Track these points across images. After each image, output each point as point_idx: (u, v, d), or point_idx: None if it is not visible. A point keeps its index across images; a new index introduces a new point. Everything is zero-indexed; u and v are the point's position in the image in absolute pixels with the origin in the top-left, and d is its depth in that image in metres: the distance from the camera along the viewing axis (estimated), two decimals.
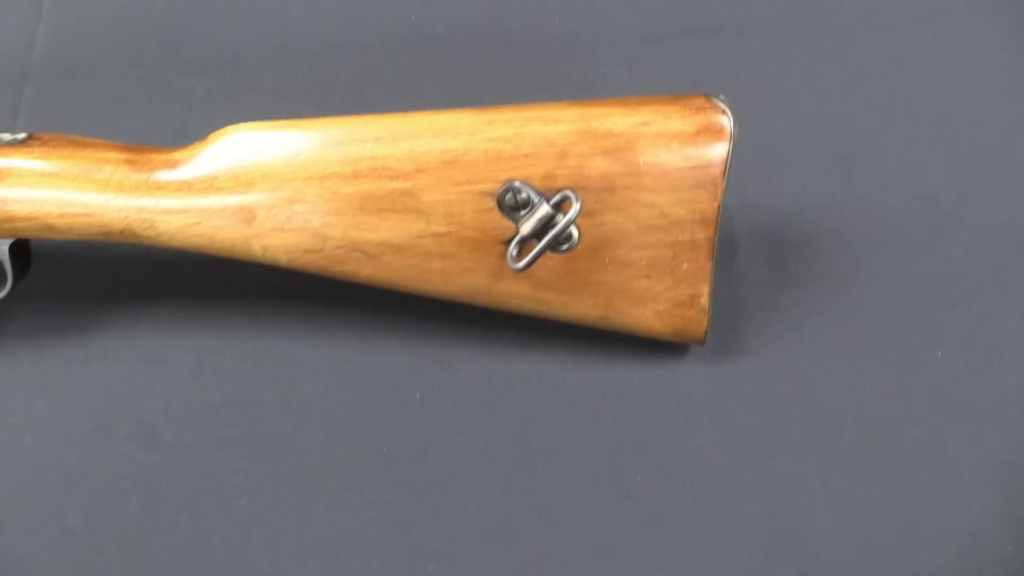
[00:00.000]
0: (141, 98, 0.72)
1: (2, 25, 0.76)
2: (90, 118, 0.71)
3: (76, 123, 0.70)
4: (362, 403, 0.60)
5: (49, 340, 0.64)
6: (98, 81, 0.73)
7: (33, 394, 0.62)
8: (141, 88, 0.72)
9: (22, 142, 0.55)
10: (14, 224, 0.54)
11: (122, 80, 0.73)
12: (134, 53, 0.74)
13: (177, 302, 0.64)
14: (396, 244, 0.54)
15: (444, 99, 0.70)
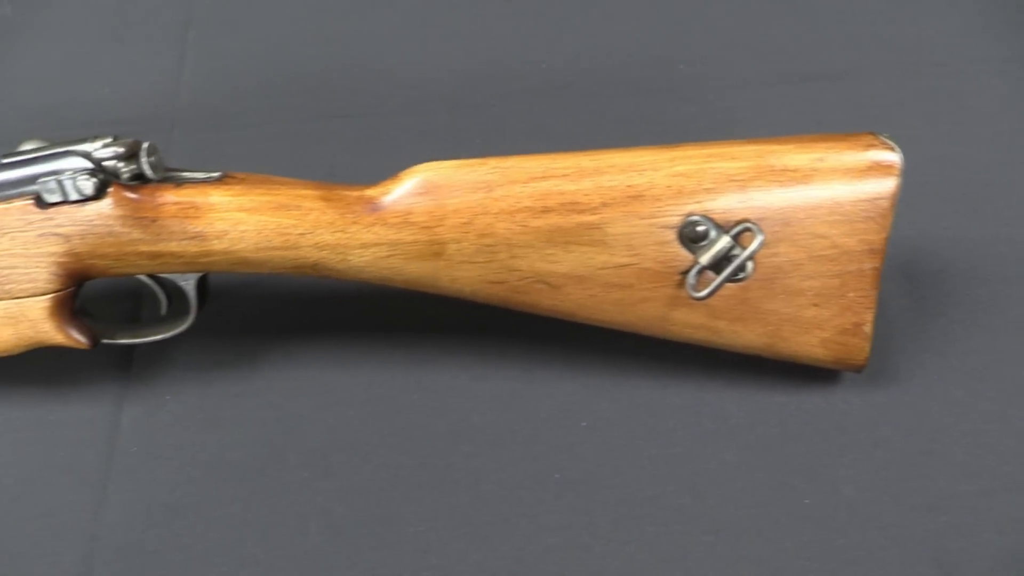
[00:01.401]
0: (286, 143, 0.75)
1: (148, 72, 0.79)
2: (237, 163, 0.73)
3: (225, 168, 0.73)
4: (530, 432, 0.62)
5: (216, 373, 0.65)
6: (243, 126, 0.76)
7: (202, 427, 0.63)
8: (285, 133, 0.75)
9: (219, 180, 0.57)
10: (211, 259, 0.57)
11: (266, 125, 0.76)
12: (276, 100, 0.78)
13: (340, 336, 0.66)
14: (578, 275, 0.57)
15: (577, 142, 0.73)
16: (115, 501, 0.61)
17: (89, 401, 0.65)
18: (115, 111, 0.79)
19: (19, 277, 0.57)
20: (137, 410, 0.64)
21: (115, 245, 0.56)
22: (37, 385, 0.66)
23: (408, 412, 0.63)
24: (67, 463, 0.63)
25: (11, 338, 0.60)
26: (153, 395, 0.65)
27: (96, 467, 0.62)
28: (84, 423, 0.64)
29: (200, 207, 0.56)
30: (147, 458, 0.62)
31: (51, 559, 0.59)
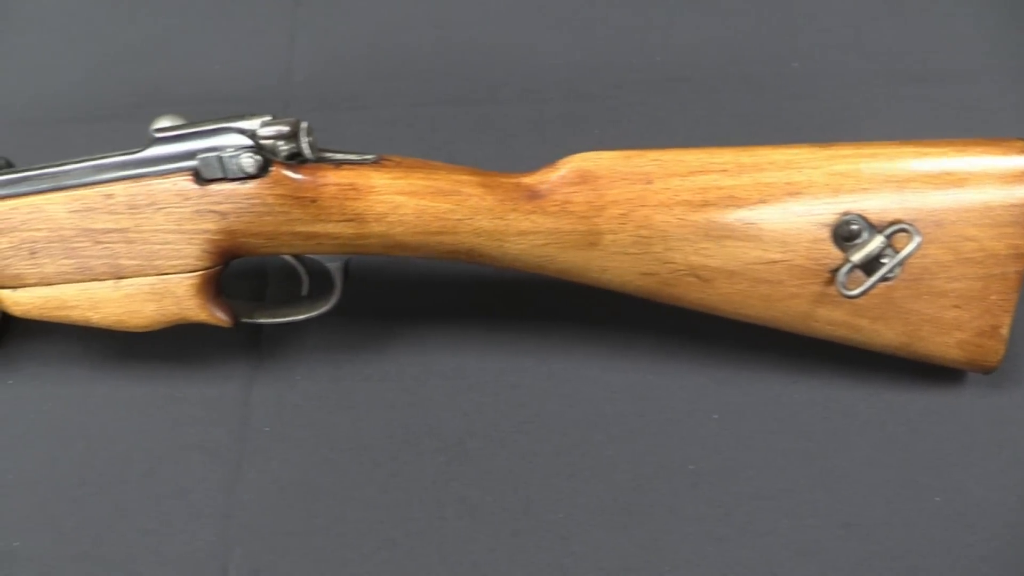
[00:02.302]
0: (402, 127, 0.74)
1: (258, 49, 0.78)
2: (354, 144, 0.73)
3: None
4: (663, 423, 0.62)
5: (346, 355, 0.65)
6: (357, 108, 0.75)
7: (334, 408, 0.63)
8: (401, 117, 0.75)
9: (376, 162, 0.57)
10: (366, 241, 0.57)
11: (381, 108, 0.76)
12: (390, 82, 0.77)
13: (470, 321, 0.66)
14: (730, 270, 0.57)
15: (693, 136, 0.74)
16: (249, 480, 0.61)
17: (218, 380, 0.65)
18: (227, 87, 0.78)
19: (169, 253, 0.57)
20: (267, 390, 0.64)
21: (272, 224, 0.56)
22: (165, 362, 0.66)
23: (541, 400, 0.63)
24: (198, 441, 0.63)
25: (153, 313, 0.59)
26: (283, 375, 0.65)
27: (228, 446, 0.62)
28: (214, 401, 0.64)
29: (361, 189, 0.55)
30: (279, 438, 0.62)
31: (186, 537, 0.59)
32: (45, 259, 0.58)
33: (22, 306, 0.60)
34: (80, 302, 0.59)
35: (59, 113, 0.79)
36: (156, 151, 0.56)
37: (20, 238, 0.57)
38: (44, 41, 0.84)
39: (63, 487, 0.62)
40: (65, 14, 0.85)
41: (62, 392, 0.65)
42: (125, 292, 0.59)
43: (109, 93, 0.80)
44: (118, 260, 0.58)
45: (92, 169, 0.56)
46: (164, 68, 0.80)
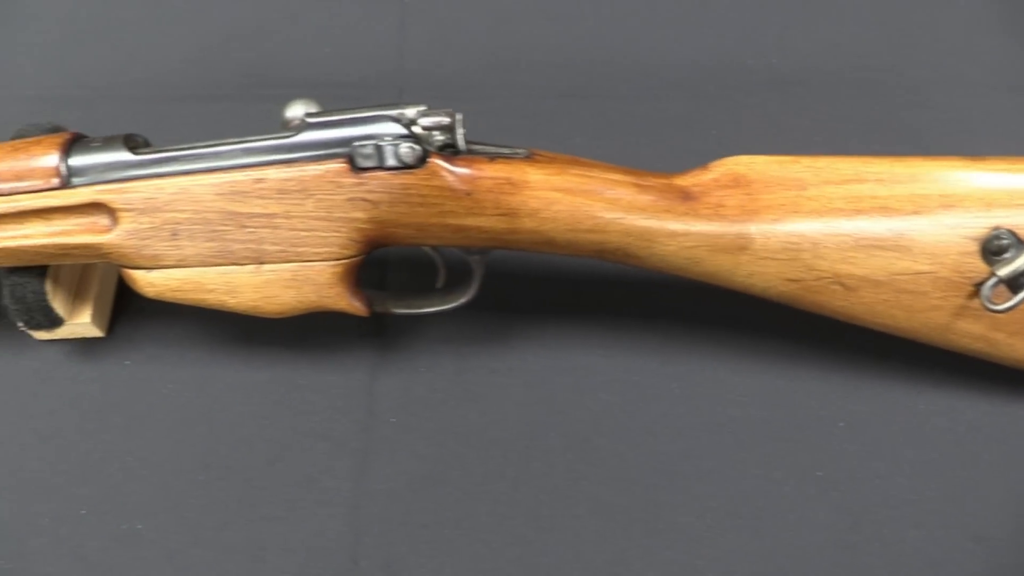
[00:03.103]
0: (519, 119, 0.74)
1: (368, 34, 0.78)
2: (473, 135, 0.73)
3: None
4: (790, 429, 0.62)
5: (470, 348, 0.65)
6: (472, 99, 0.75)
7: (460, 401, 0.63)
8: (518, 109, 0.74)
9: (528, 157, 0.56)
10: (515, 236, 0.56)
11: (496, 100, 0.75)
12: (504, 74, 0.77)
13: (596, 319, 0.66)
14: (876, 279, 0.57)
15: (813, 140, 0.74)
16: (376, 471, 0.61)
17: (341, 368, 0.64)
18: (338, 72, 0.78)
19: (315, 240, 0.56)
20: (391, 380, 0.64)
21: (424, 216, 0.55)
22: (287, 349, 0.65)
23: (667, 401, 0.63)
24: (324, 430, 0.62)
25: (291, 300, 0.59)
26: (407, 366, 0.64)
27: (354, 435, 0.62)
28: (338, 390, 0.63)
29: (516, 184, 0.55)
30: (406, 429, 0.62)
31: (314, 527, 0.59)
32: (186, 241, 0.57)
33: (156, 287, 0.59)
34: (218, 286, 0.58)
35: (170, 91, 0.78)
36: (309, 136, 0.55)
37: (163, 219, 0.57)
38: (155, 17, 0.83)
39: (186, 471, 0.61)
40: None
41: (181, 375, 0.65)
42: (265, 278, 0.58)
43: (220, 73, 0.79)
44: (262, 245, 0.57)
45: (242, 152, 0.56)
46: (273, 50, 0.80)
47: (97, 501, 0.61)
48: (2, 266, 0.61)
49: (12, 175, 0.57)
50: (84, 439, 0.63)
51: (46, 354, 0.67)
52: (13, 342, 0.67)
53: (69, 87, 0.80)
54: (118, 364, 0.66)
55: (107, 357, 0.66)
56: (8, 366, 0.66)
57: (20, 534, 0.60)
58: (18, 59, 0.83)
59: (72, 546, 0.59)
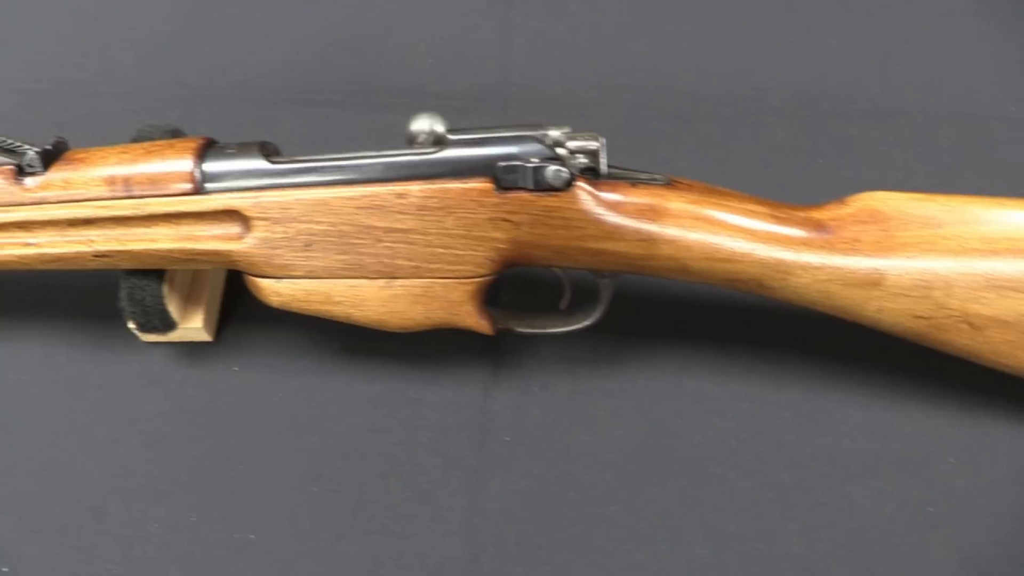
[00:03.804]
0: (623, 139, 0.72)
1: (472, 46, 0.77)
2: None
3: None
4: (899, 462, 0.62)
5: (583, 369, 0.65)
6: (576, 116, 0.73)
7: (573, 422, 0.63)
8: (622, 129, 0.73)
9: (668, 184, 0.56)
10: (652, 263, 0.56)
11: (600, 118, 0.75)
12: (608, 93, 0.77)
13: (709, 344, 0.66)
14: (1003, 320, 0.57)
15: (915, 173, 0.74)
16: (492, 489, 0.60)
17: (455, 384, 0.64)
18: (442, 83, 0.77)
19: (450, 258, 0.56)
20: (505, 398, 0.64)
21: (564, 239, 0.55)
22: (399, 362, 0.65)
23: (779, 430, 0.63)
24: (438, 446, 0.62)
25: (419, 316, 0.58)
26: (520, 385, 0.64)
27: (468, 453, 0.62)
28: (451, 406, 0.63)
29: (658, 210, 0.55)
30: (520, 448, 0.62)
31: (430, 543, 0.59)
32: (318, 252, 0.57)
33: (282, 297, 0.59)
34: (346, 298, 0.58)
35: (270, 94, 0.78)
36: (452, 153, 0.55)
37: (298, 229, 0.56)
38: (257, 19, 0.82)
39: (297, 481, 0.61)
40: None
41: (291, 383, 0.65)
42: (395, 292, 0.58)
43: (321, 78, 0.78)
44: (395, 260, 0.57)
45: (383, 166, 0.55)
46: (376, 58, 0.79)
47: (207, 508, 0.60)
48: (122, 268, 0.61)
49: (145, 178, 0.57)
50: (193, 444, 0.63)
51: (153, 356, 0.66)
52: (119, 343, 0.66)
53: (169, 85, 0.79)
54: (227, 370, 0.65)
55: (215, 362, 0.66)
56: (115, 367, 0.66)
57: (129, 539, 0.59)
58: (120, 55, 0.83)
59: (182, 553, 0.59)
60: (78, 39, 0.85)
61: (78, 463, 0.62)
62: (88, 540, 0.59)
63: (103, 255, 0.59)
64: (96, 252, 0.59)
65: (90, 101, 0.78)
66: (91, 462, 0.62)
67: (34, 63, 0.84)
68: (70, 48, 0.84)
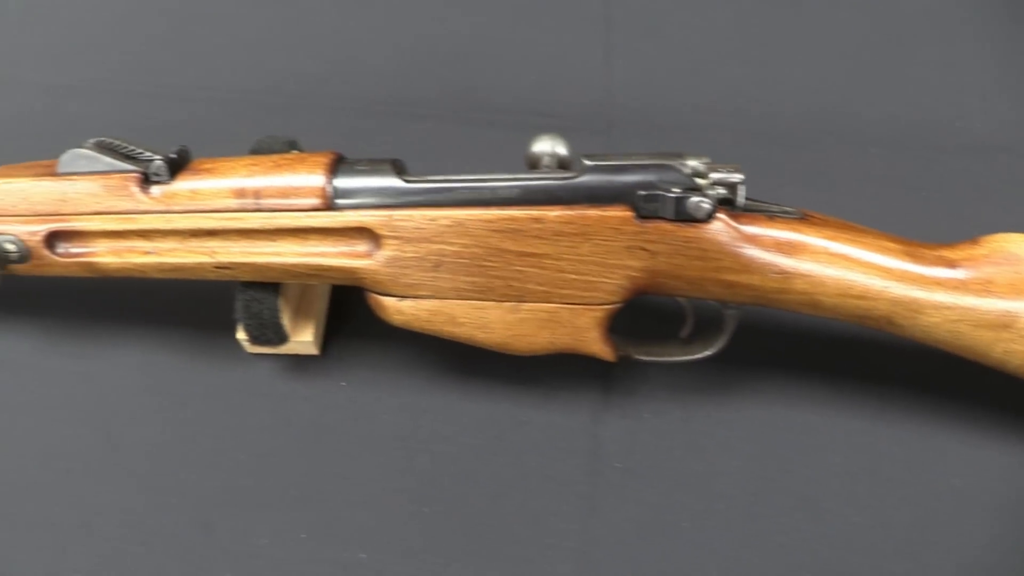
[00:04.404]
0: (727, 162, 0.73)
1: (573, 65, 0.77)
2: None
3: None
4: (1013, 505, 0.62)
5: (693, 397, 0.64)
6: (680, 140, 0.73)
7: (685, 451, 0.63)
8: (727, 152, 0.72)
9: (801, 218, 0.56)
10: (783, 296, 0.55)
11: (705, 142, 0.74)
12: (711, 118, 0.76)
13: (816, 377, 0.65)
14: None
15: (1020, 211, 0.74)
16: (604, 517, 0.60)
17: (565, 408, 0.64)
18: (544, 101, 0.77)
19: (582, 284, 0.56)
20: (616, 424, 0.63)
21: (700, 270, 0.55)
22: (507, 383, 0.64)
23: (891, 466, 0.62)
24: (549, 470, 0.61)
25: (543, 340, 0.58)
26: (631, 411, 0.64)
27: (580, 478, 0.61)
28: (562, 430, 0.63)
29: (795, 245, 0.55)
30: (632, 476, 0.61)
31: (545, 569, 0.58)
32: (447, 273, 0.56)
33: (405, 316, 0.58)
34: (470, 320, 0.58)
35: (370, 106, 0.77)
36: (591, 179, 0.54)
37: (429, 249, 0.56)
38: (358, 29, 0.82)
39: (407, 501, 0.60)
40: (377, 4, 0.84)
41: (399, 401, 0.64)
42: (522, 316, 0.57)
43: (422, 92, 0.78)
44: (525, 284, 0.56)
45: (520, 190, 0.55)
46: (477, 73, 0.79)
47: (317, 526, 0.60)
48: (240, 280, 0.61)
49: (275, 192, 0.56)
50: (300, 459, 0.62)
51: (258, 368, 0.66)
52: (222, 353, 0.66)
53: (268, 92, 0.79)
54: (333, 385, 0.65)
55: (322, 377, 0.65)
56: (218, 378, 0.65)
57: (238, 554, 0.59)
58: (219, 60, 0.83)
59: (292, 571, 0.58)
60: (178, 42, 0.85)
61: (184, 475, 0.62)
62: (197, 554, 0.59)
63: (224, 267, 0.59)
64: (218, 263, 0.59)
65: (188, 106, 0.78)
66: (197, 474, 0.62)
67: (133, 65, 0.84)
68: (169, 51, 0.84)
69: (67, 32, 0.87)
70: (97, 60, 0.85)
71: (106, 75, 0.83)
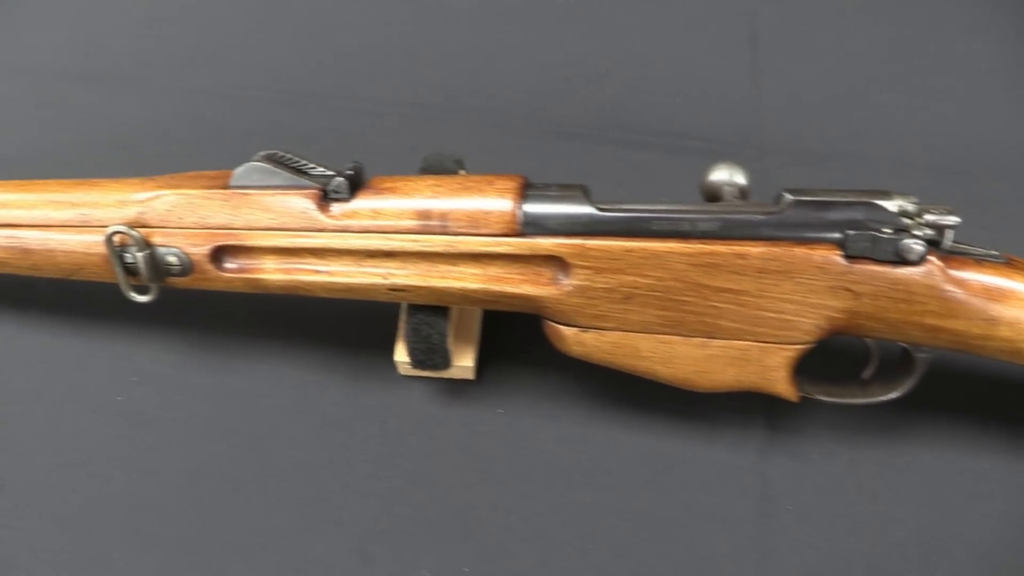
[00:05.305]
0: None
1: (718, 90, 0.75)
2: None
3: None
4: None
5: (863, 440, 0.62)
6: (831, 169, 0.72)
7: (856, 495, 0.60)
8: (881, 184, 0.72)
9: (1008, 263, 0.54)
10: (987, 343, 0.53)
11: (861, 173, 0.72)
12: (863, 145, 0.74)
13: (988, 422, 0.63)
14: None
15: None
16: (777, 560, 0.58)
17: (731, 445, 0.62)
18: (692, 123, 0.75)
19: (778, 322, 0.54)
20: (784, 464, 0.61)
21: (903, 313, 0.53)
22: (669, 416, 0.62)
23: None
24: (719, 509, 0.59)
25: (729, 377, 0.56)
26: (798, 451, 0.62)
27: (750, 519, 0.59)
28: (729, 468, 0.61)
29: (1004, 291, 0.53)
30: (804, 520, 0.59)
31: None
32: (637, 306, 0.54)
33: (585, 348, 0.56)
34: (655, 354, 0.56)
35: (517, 122, 0.76)
36: (796, 215, 0.52)
37: (621, 281, 0.54)
38: (505, 43, 0.80)
39: (571, 537, 0.58)
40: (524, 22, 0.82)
41: (559, 431, 0.62)
42: (710, 353, 0.55)
43: (567, 110, 0.76)
44: (718, 320, 0.54)
45: (721, 223, 0.53)
46: (622, 93, 0.77)
47: (480, 559, 0.58)
48: (412, 302, 0.59)
49: (463, 216, 0.54)
50: (460, 488, 0.60)
51: (412, 391, 0.64)
52: (375, 374, 0.64)
53: (410, 105, 0.77)
54: (490, 412, 0.63)
55: (478, 402, 0.63)
56: (373, 400, 0.64)
57: None
58: (359, 69, 0.81)
59: None
60: (316, 50, 0.83)
61: (339, 500, 0.60)
62: None
63: (399, 289, 0.57)
64: (392, 286, 0.57)
65: (328, 116, 0.76)
66: (353, 500, 0.60)
67: (270, 71, 0.83)
68: (308, 58, 0.83)
69: (201, 36, 0.86)
70: (232, 65, 0.84)
71: (241, 80, 0.82)
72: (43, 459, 0.62)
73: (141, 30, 0.86)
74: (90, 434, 0.63)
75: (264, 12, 0.85)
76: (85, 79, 0.82)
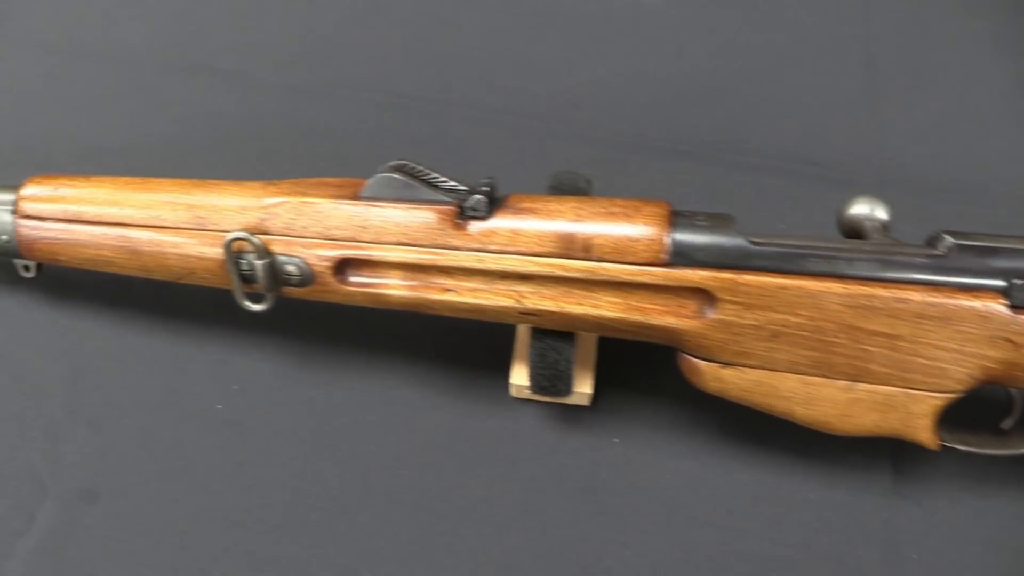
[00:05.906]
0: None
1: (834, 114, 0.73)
2: None
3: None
4: None
5: (991, 490, 0.60)
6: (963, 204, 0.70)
7: (984, 548, 0.58)
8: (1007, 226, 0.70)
9: None
10: None
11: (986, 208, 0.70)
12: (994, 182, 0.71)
13: None
14: None
15: None
16: None
17: (854, 489, 0.59)
18: (809, 148, 0.73)
19: (930, 370, 0.52)
20: (909, 511, 0.59)
21: None
22: (794, 456, 0.60)
23: None
24: (842, 555, 0.57)
25: (871, 422, 0.54)
26: (923, 498, 0.59)
27: (876, 567, 0.57)
28: (853, 512, 0.59)
29: None
30: (930, 570, 0.57)
31: None
32: (784, 345, 0.52)
33: (723, 384, 0.54)
34: (795, 395, 0.54)
35: (626, 138, 0.73)
36: (959, 260, 0.50)
37: (770, 318, 0.52)
38: (614, 55, 0.78)
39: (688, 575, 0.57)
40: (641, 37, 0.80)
41: (677, 465, 0.60)
42: (855, 396, 0.53)
43: (679, 129, 0.74)
44: (867, 364, 0.52)
45: (879, 263, 0.51)
46: (736, 112, 0.75)
47: None
48: (541, 327, 0.56)
49: (608, 242, 0.52)
50: (577, 522, 0.58)
51: (524, 416, 0.62)
52: (485, 395, 0.62)
53: (516, 114, 0.75)
54: (605, 441, 0.61)
55: (592, 431, 0.61)
56: (483, 423, 0.61)
57: None
58: (466, 73, 0.79)
59: None
60: (422, 51, 0.81)
61: (447, 525, 0.58)
62: None
63: (531, 313, 0.55)
64: (524, 309, 0.54)
65: (434, 120, 0.74)
66: (467, 528, 0.58)
67: (370, 71, 0.80)
68: (413, 60, 0.80)
69: (302, 32, 0.84)
70: (334, 63, 0.81)
71: (342, 80, 0.80)
72: (140, 468, 0.60)
73: (241, 23, 0.84)
74: (189, 443, 0.61)
75: (370, 10, 0.82)
76: (183, 71, 0.80)
